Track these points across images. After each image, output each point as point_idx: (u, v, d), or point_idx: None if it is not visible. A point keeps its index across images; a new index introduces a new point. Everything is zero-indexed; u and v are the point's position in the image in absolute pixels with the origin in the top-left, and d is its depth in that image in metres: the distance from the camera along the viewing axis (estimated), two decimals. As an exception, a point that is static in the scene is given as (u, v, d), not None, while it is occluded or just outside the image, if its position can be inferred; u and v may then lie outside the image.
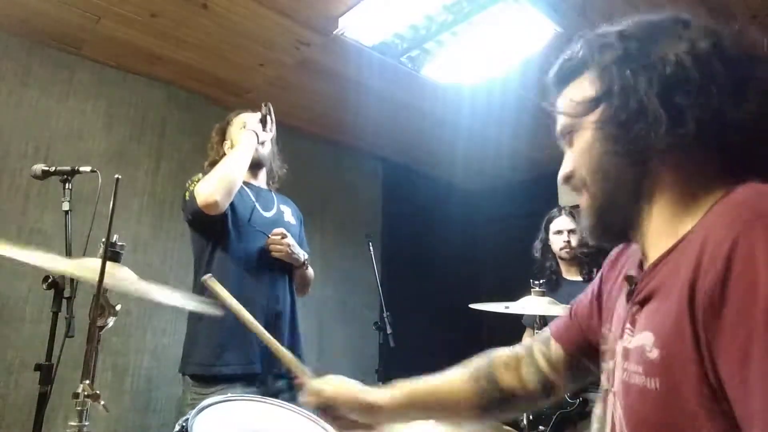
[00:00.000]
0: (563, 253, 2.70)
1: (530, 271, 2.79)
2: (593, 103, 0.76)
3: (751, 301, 0.53)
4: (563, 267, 2.77)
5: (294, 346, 2.00)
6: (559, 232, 2.72)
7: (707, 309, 0.57)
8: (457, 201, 4.60)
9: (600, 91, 0.76)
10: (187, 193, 1.93)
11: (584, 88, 0.79)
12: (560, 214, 2.78)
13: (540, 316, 1.97)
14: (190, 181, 1.97)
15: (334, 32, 2.58)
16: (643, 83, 0.71)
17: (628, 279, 0.78)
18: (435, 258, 4.27)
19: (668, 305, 0.64)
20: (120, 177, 1.11)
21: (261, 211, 2.07)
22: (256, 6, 2.44)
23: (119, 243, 1.31)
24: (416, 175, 4.33)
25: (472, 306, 1.94)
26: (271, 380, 1.93)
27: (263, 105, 2.12)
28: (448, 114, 3.39)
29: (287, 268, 2.06)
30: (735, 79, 0.68)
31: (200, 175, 1.99)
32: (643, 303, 0.72)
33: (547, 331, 1.02)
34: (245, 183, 2.05)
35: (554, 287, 2.70)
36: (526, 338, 2.74)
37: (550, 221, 2.82)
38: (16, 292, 2.52)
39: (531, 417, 2.51)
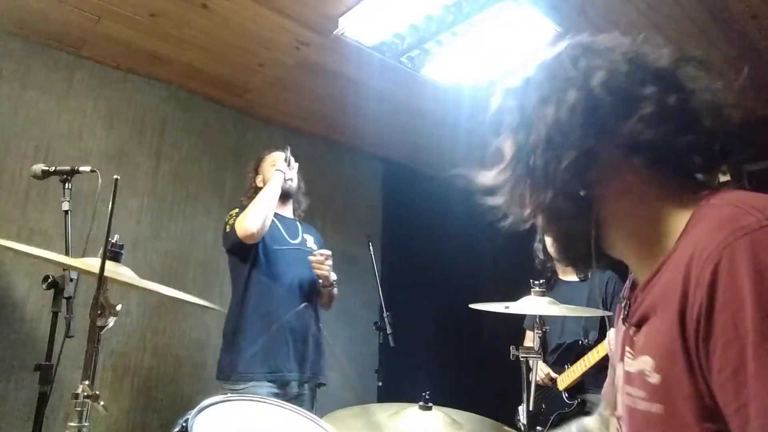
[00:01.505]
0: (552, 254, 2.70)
1: (530, 271, 2.79)
2: (510, 165, 0.82)
3: (738, 325, 0.54)
4: (558, 268, 2.78)
5: (317, 358, 2.35)
6: None
7: (697, 335, 0.58)
8: (458, 201, 4.60)
9: (511, 155, 0.82)
10: (227, 227, 2.29)
11: (506, 147, 0.85)
12: None
13: (540, 316, 1.97)
14: (228, 216, 2.34)
15: (334, 32, 2.58)
16: (531, 144, 0.76)
17: (620, 300, 0.81)
18: (435, 258, 4.26)
19: (662, 329, 0.65)
20: (119, 177, 1.12)
21: (287, 238, 2.43)
22: (256, 6, 2.44)
23: (119, 243, 1.31)
24: (416, 176, 4.33)
25: (472, 306, 1.94)
26: (296, 384, 2.25)
27: (285, 147, 2.49)
28: (448, 114, 3.39)
29: (313, 289, 2.40)
30: (623, 105, 0.70)
31: (236, 209, 2.34)
32: (639, 325, 0.73)
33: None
34: (274, 214, 2.38)
35: (551, 287, 2.70)
36: (527, 341, 2.75)
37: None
38: (16, 292, 2.52)
39: (526, 415, 2.51)
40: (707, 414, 0.58)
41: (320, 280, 2.37)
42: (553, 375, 2.55)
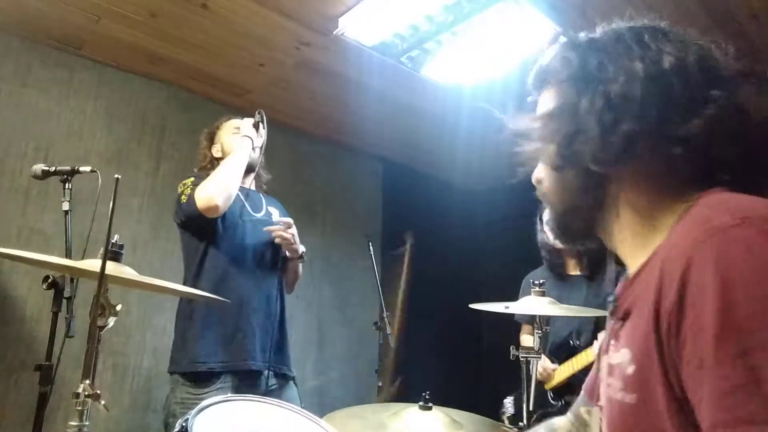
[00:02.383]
0: (557, 243, 2.68)
1: (530, 271, 2.79)
2: (546, 119, 0.80)
3: (703, 322, 0.56)
4: (566, 260, 2.75)
5: (281, 345, 2.09)
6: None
7: (669, 330, 0.60)
8: (457, 201, 4.60)
9: (552, 107, 0.80)
10: (183, 197, 1.98)
11: (546, 100, 0.83)
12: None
13: (539, 316, 1.97)
14: (182, 185, 2.03)
15: (334, 32, 2.58)
16: (586, 102, 0.74)
17: (610, 295, 0.82)
18: (435, 258, 4.26)
19: (641, 323, 0.67)
20: (120, 177, 1.11)
21: (250, 211, 2.14)
22: (256, 6, 2.44)
23: (119, 243, 1.32)
24: (416, 175, 4.33)
25: (472, 306, 1.94)
26: (264, 378, 1.99)
27: (257, 112, 2.19)
28: (448, 114, 3.39)
29: (277, 266, 2.13)
30: (689, 98, 0.70)
31: (192, 179, 2.04)
32: (624, 318, 0.75)
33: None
34: None
35: (558, 279, 2.68)
36: (524, 335, 2.74)
37: (542, 214, 2.81)
38: (16, 292, 2.52)
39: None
40: (677, 405, 0.60)
41: (287, 253, 2.11)
42: (551, 367, 2.51)
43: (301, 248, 2.16)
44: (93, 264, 1.26)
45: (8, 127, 2.61)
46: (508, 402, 2.50)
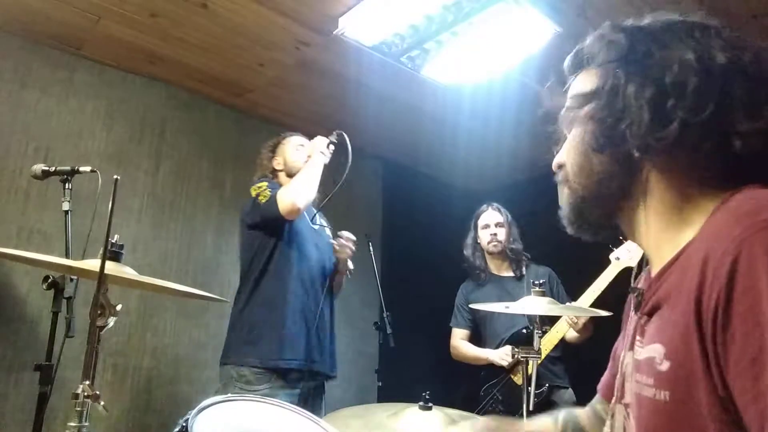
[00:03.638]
0: (491, 247, 2.73)
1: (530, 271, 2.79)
2: (585, 99, 0.78)
3: (757, 315, 0.54)
4: (492, 263, 2.79)
5: (333, 351, 2.28)
6: (486, 226, 2.74)
7: (714, 324, 0.58)
8: (457, 201, 4.59)
9: (594, 88, 0.77)
10: (261, 198, 2.17)
11: (585, 81, 0.80)
12: (488, 209, 2.82)
13: (540, 315, 1.97)
14: (257, 187, 2.22)
15: (334, 32, 2.58)
16: (634, 85, 0.72)
17: (633, 290, 0.80)
18: (435, 258, 4.26)
19: (676, 318, 0.64)
20: (119, 177, 1.11)
21: (309, 221, 2.38)
22: (256, 6, 2.44)
23: (119, 243, 1.32)
24: (416, 175, 4.32)
25: (472, 306, 1.94)
26: (309, 376, 2.15)
27: (337, 132, 2.39)
28: (448, 114, 3.39)
29: (330, 274, 2.35)
30: (751, 96, 0.69)
31: (266, 183, 2.24)
32: (650, 313, 0.73)
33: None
34: None
35: (482, 284, 2.72)
36: (459, 341, 2.77)
37: (478, 216, 2.86)
38: (16, 292, 2.52)
39: (526, 415, 2.50)
40: (719, 402, 0.58)
41: (339, 264, 2.33)
42: (510, 352, 2.52)
43: (350, 265, 2.36)
44: (93, 264, 1.26)
45: (8, 127, 2.61)
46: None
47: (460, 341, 2.84)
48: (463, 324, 2.86)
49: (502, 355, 2.58)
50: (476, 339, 2.85)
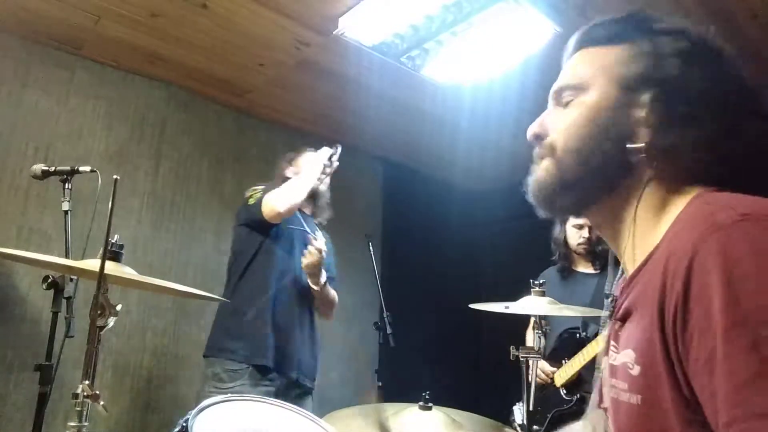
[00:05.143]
0: (580, 249, 2.69)
1: (530, 271, 2.78)
2: (636, 82, 0.74)
3: (711, 316, 0.56)
4: (576, 259, 2.76)
5: (312, 366, 2.27)
6: (580, 227, 2.69)
7: (674, 326, 0.60)
8: (457, 201, 4.60)
9: (648, 74, 0.73)
10: (251, 199, 2.24)
11: (623, 59, 0.76)
12: None
13: (540, 315, 1.97)
14: (252, 190, 2.29)
15: (334, 32, 2.58)
16: (694, 86, 0.71)
17: (607, 296, 0.81)
18: (435, 258, 4.26)
19: (643, 323, 0.66)
20: (119, 177, 1.12)
21: (306, 228, 2.36)
22: (256, 6, 2.44)
23: (119, 243, 1.32)
24: (416, 176, 4.33)
25: (472, 306, 1.94)
26: (284, 384, 2.14)
27: (336, 145, 2.46)
28: (448, 114, 3.39)
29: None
30: (743, 116, 0.71)
31: (263, 187, 2.28)
32: (623, 319, 0.74)
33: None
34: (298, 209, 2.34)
35: (565, 277, 2.70)
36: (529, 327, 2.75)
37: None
38: (16, 292, 2.52)
39: (526, 415, 2.51)
40: (684, 402, 0.60)
41: (309, 280, 2.27)
42: (549, 370, 2.53)
43: (323, 278, 2.30)
44: (93, 264, 1.26)
45: (8, 127, 2.61)
46: (517, 409, 2.51)
47: (529, 331, 2.82)
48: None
49: (538, 372, 2.57)
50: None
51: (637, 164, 0.73)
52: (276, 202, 2.16)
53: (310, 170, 2.31)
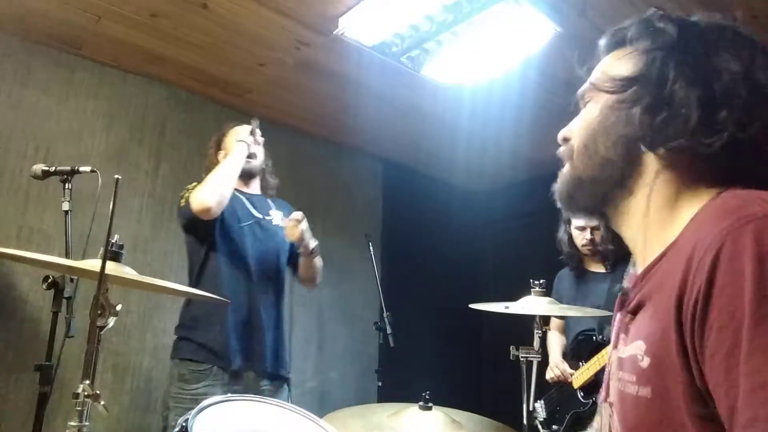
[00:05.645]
0: (585, 250, 2.68)
1: (530, 271, 2.78)
2: (624, 81, 0.75)
3: (734, 309, 0.54)
4: (586, 259, 2.75)
5: (278, 356, 2.14)
6: (582, 228, 2.68)
7: (693, 318, 0.58)
8: (457, 201, 4.60)
9: (639, 72, 0.75)
10: (182, 200, 2.08)
11: (625, 63, 0.78)
12: None
13: (540, 315, 1.97)
14: (185, 189, 2.12)
15: (334, 32, 2.58)
16: (683, 81, 0.70)
17: (618, 289, 0.80)
18: (435, 258, 4.26)
19: (658, 314, 0.65)
20: (120, 177, 1.12)
21: (255, 213, 2.22)
22: (256, 6, 2.44)
23: (119, 243, 1.32)
24: (416, 176, 4.33)
25: (472, 306, 1.94)
26: (252, 378, 2.06)
27: (252, 119, 2.27)
28: (448, 114, 3.39)
29: (278, 273, 2.21)
30: (746, 109, 0.68)
31: (195, 183, 2.12)
32: (635, 312, 0.73)
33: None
34: (238, 191, 2.21)
35: (578, 276, 2.69)
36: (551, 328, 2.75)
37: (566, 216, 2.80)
38: (16, 292, 2.52)
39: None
40: (697, 397, 0.58)
41: (299, 249, 2.19)
42: (569, 371, 2.52)
43: (313, 243, 2.18)
44: (93, 264, 1.26)
45: (8, 127, 2.61)
46: (539, 406, 2.51)
47: (551, 332, 2.82)
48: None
49: (552, 367, 2.57)
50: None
51: (644, 160, 0.74)
52: (203, 196, 1.98)
53: (233, 153, 2.15)
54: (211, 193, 2.00)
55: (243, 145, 2.17)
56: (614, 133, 0.76)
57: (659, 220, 0.73)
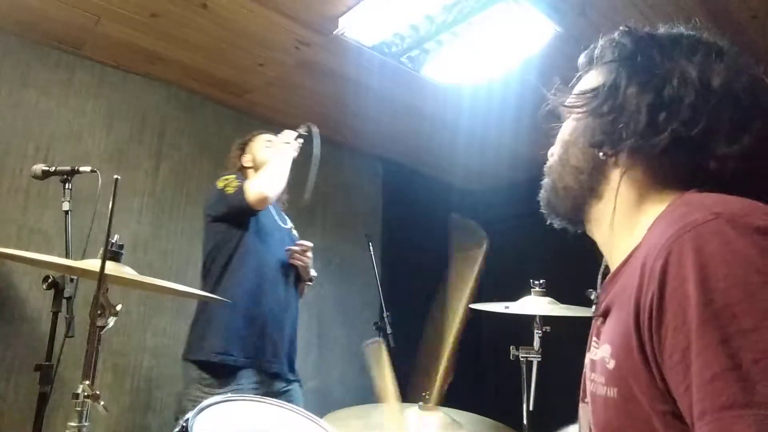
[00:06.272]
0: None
1: (530, 271, 2.78)
2: (586, 95, 0.81)
3: (685, 312, 0.58)
4: None
5: (291, 352, 2.19)
6: None
7: (650, 323, 0.62)
8: (457, 201, 4.60)
9: (598, 84, 0.81)
10: (229, 188, 2.10)
11: (589, 80, 0.85)
12: None
13: (540, 316, 1.97)
14: (224, 179, 2.16)
15: (334, 32, 2.58)
16: (635, 88, 0.76)
17: (590, 293, 0.86)
18: (435, 258, 4.26)
19: (620, 319, 0.69)
20: (119, 177, 1.12)
21: (278, 221, 2.33)
22: (256, 6, 2.44)
23: (119, 243, 1.32)
24: (416, 176, 4.33)
25: (472, 306, 1.95)
26: (269, 380, 2.07)
27: (308, 125, 2.38)
28: (448, 114, 3.39)
29: (297, 276, 2.28)
30: (736, 122, 0.72)
31: (234, 175, 2.19)
32: (604, 315, 0.77)
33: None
34: None
35: None
36: None
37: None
38: (16, 292, 2.52)
39: (527, 415, 2.50)
40: (659, 396, 0.62)
41: (300, 272, 2.26)
42: None
43: (313, 273, 2.28)
44: (93, 264, 1.26)
45: (8, 127, 2.61)
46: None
47: None
48: None
49: None
50: None
51: (608, 165, 0.80)
52: (263, 187, 2.05)
53: (284, 153, 2.22)
54: (269, 185, 2.06)
55: (294, 145, 2.27)
56: (581, 142, 0.82)
57: (625, 225, 0.78)
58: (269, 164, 2.17)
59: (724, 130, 0.72)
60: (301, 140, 2.35)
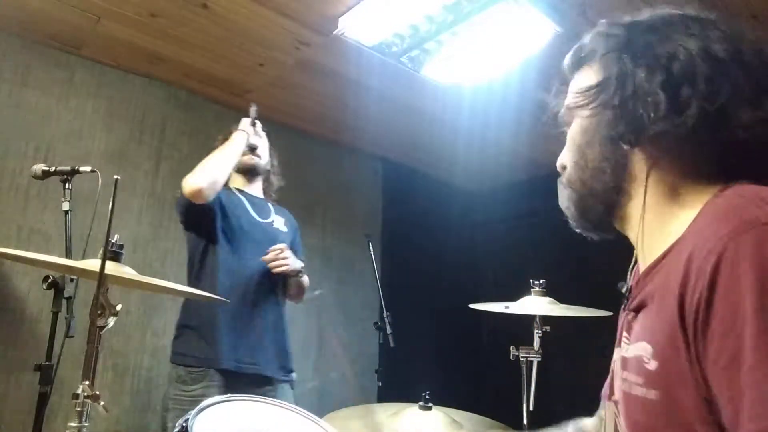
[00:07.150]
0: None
1: (530, 271, 2.78)
2: (592, 91, 0.77)
3: (735, 318, 0.54)
4: None
5: (279, 358, 2.11)
6: None
7: (695, 324, 0.58)
8: (457, 201, 4.60)
9: (601, 77, 0.76)
10: (179, 191, 2.02)
11: (587, 77, 0.80)
12: None
13: (540, 316, 1.97)
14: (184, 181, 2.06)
15: (334, 32, 2.58)
16: (643, 71, 0.71)
17: (621, 286, 0.80)
18: (435, 258, 4.26)
19: (662, 317, 0.64)
20: (119, 177, 1.11)
21: (256, 217, 2.18)
22: (256, 6, 2.44)
23: (119, 243, 1.31)
24: (416, 176, 4.33)
25: (472, 306, 1.95)
26: (251, 379, 2.02)
27: (250, 106, 2.26)
28: (448, 114, 3.39)
29: (277, 277, 2.14)
30: (753, 86, 0.69)
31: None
32: (637, 310, 0.73)
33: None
34: (239, 190, 2.21)
35: None
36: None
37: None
38: (16, 292, 2.52)
39: (527, 415, 2.50)
40: (703, 402, 0.58)
41: (291, 273, 2.17)
42: None
43: (298, 265, 2.16)
44: (93, 264, 1.26)
45: (8, 127, 2.61)
46: None
47: None
48: None
49: None
50: None
51: (632, 159, 0.75)
52: (194, 179, 1.94)
53: (231, 140, 2.13)
54: (201, 176, 1.95)
55: (242, 134, 2.15)
56: (596, 141, 0.77)
57: (659, 218, 0.73)
58: (211, 154, 2.09)
59: (745, 96, 0.68)
60: (258, 123, 2.27)
